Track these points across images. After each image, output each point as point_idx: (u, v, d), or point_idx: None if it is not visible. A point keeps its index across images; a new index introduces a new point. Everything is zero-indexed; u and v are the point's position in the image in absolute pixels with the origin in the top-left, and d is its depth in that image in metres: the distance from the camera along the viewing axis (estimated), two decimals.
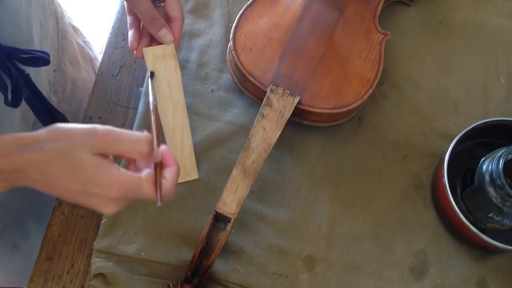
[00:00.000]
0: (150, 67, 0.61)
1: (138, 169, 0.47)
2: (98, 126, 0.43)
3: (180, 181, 0.63)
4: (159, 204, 0.44)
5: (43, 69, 0.66)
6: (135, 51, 0.62)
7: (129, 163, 0.48)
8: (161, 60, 0.61)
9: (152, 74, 0.60)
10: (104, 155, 0.43)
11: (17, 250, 0.72)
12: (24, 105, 0.61)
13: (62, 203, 0.64)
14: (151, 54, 0.61)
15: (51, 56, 0.67)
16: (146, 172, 0.45)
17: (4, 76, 0.55)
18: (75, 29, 0.83)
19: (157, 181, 0.45)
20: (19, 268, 0.76)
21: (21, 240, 0.71)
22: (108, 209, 0.44)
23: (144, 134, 0.43)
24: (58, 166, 0.42)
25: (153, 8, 0.59)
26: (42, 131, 0.43)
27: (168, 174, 0.46)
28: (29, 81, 0.60)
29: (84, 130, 0.43)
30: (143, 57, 0.61)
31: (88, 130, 0.43)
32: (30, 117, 0.65)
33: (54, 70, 0.71)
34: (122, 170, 0.43)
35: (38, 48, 0.62)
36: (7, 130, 0.59)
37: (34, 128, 0.65)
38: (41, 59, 0.59)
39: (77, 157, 0.42)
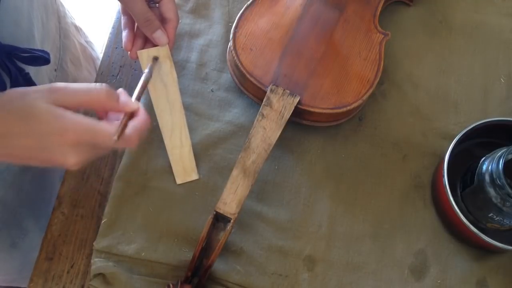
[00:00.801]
0: (144, 68, 0.61)
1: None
2: (57, 83, 0.44)
3: (180, 182, 0.63)
4: (114, 137, 0.44)
5: (44, 68, 0.66)
6: (129, 52, 0.62)
7: (100, 118, 0.48)
8: (155, 62, 0.61)
9: (157, 58, 0.60)
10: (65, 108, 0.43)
11: (16, 248, 0.72)
12: None
13: (62, 203, 0.64)
14: (145, 56, 0.61)
15: (52, 55, 0.67)
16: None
17: (3, 74, 0.55)
18: (77, 28, 0.83)
19: (121, 124, 0.45)
20: (18, 266, 0.76)
21: (19, 238, 0.71)
22: (70, 158, 0.44)
23: (102, 84, 0.44)
24: (14, 122, 0.42)
25: (147, 9, 0.59)
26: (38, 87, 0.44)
27: (134, 121, 0.46)
28: (29, 80, 0.60)
29: (42, 86, 0.44)
30: (137, 57, 0.61)
31: (45, 86, 0.44)
32: None
33: (55, 70, 0.71)
34: (78, 114, 0.44)
35: (39, 47, 0.63)
36: None
37: None
38: (41, 58, 0.59)
39: (32, 109, 0.42)
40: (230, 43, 0.65)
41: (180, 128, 0.63)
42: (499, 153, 0.55)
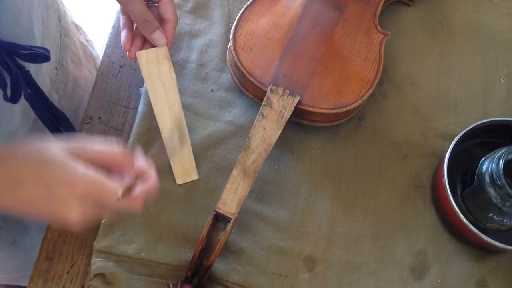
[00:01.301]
0: (144, 70, 0.61)
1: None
2: (76, 137, 0.45)
3: (180, 182, 0.63)
4: (118, 195, 0.44)
5: (45, 66, 0.66)
6: (128, 52, 0.62)
7: (112, 172, 0.48)
8: (154, 63, 0.61)
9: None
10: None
11: (16, 246, 0.72)
12: (24, 103, 0.61)
13: None
14: (144, 57, 0.61)
15: (53, 54, 0.67)
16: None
17: (3, 71, 0.55)
18: (77, 27, 0.83)
19: (128, 184, 0.44)
20: (19, 265, 0.76)
21: (20, 236, 0.71)
22: (72, 212, 0.43)
23: (119, 144, 0.45)
24: (29, 168, 0.42)
25: (146, 10, 0.59)
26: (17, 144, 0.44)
27: (144, 184, 0.46)
28: (29, 78, 0.60)
29: (61, 138, 0.45)
30: (135, 58, 0.61)
31: (65, 138, 0.44)
32: (30, 115, 0.65)
33: (56, 68, 0.71)
34: (90, 169, 0.44)
35: (39, 45, 0.63)
36: (6, 127, 0.60)
37: (34, 125, 0.66)
38: (41, 56, 0.59)
39: (48, 157, 0.43)
40: (230, 43, 0.65)
41: (180, 129, 0.63)
42: (499, 153, 0.55)
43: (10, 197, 0.43)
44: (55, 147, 0.44)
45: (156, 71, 0.61)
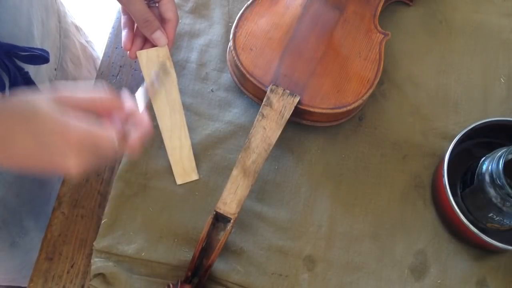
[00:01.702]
0: (144, 69, 0.61)
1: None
2: (60, 86, 0.44)
3: (180, 182, 0.63)
4: (115, 146, 0.44)
5: (44, 67, 0.66)
6: (128, 52, 0.62)
7: (103, 119, 0.48)
8: (155, 62, 0.61)
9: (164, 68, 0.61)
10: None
11: (16, 248, 0.72)
12: None
13: (62, 203, 0.64)
14: (145, 57, 0.61)
15: (52, 55, 0.67)
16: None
17: (2, 73, 0.55)
18: (77, 28, 0.83)
19: (123, 129, 0.45)
20: (18, 266, 0.76)
21: (19, 238, 0.71)
22: (70, 161, 0.43)
23: (103, 84, 0.45)
24: (16, 122, 0.42)
25: (147, 9, 0.59)
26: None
27: (137, 126, 0.46)
28: (28, 79, 0.60)
29: (46, 91, 0.44)
30: (135, 58, 0.61)
31: (50, 90, 0.44)
32: None
33: (55, 69, 0.71)
34: (80, 119, 0.43)
35: (39, 46, 0.63)
36: None
37: None
38: (40, 57, 0.59)
39: (35, 109, 0.42)
40: (230, 43, 0.65)
41: (180, 129, 0.63)
42: (499, 153, 0.55)
43: (3, 152, 0.43)
44: (42, 99, 0.43)
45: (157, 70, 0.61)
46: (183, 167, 0.63)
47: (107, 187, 0.65)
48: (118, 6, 0.76)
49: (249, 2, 0.67)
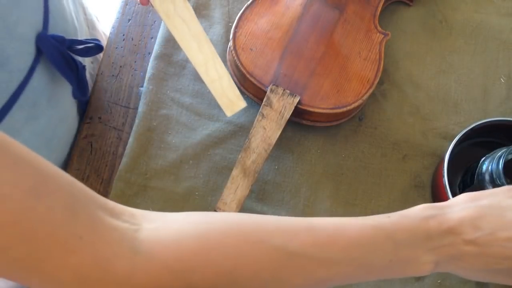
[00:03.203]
0: (159, 10, 0.59)
1: None
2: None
3: (229, 114, 0.59)
4: None
5: (86, 60, 0.67)
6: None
7: None
8: (168, 1, 0.59)
9: None
10: None
11: None
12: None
13: None
14: None
15: None
16: None
17: (68, 71, 0.56)
18: (98, 19, 0.83)
19: None
20: None
21: None
22: None
23: None
24: (492, 216, 0.40)
25: None
26: (452, 199, 0.42)
27: None
28: (83, 75, 0.60)
29: (500, 188, 0.43)
30: (148, 2, 0.59)
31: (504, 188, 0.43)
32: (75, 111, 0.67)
33: (92, 62, 0.72)
34: None
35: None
36: (67, 127, 0.62)
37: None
38: (95, 48, 0.59)
39: (506, 204, 0.40)
40: (230, 43, 0.65)
41: (213, 60, 0.59)
42: (499, 153, 0.55)
43: (475, 248, 0.40)
44: (507, 197, 0.42)
45: (172, 8, 0.59)
46: (228, 98, 0.59)
47: (107, 187, 0.65)
48: (118, 6, 0.76)
49: (249, 2, 0.67)
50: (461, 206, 0.41)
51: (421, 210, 0.42)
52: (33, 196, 0.31)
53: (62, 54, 0.54)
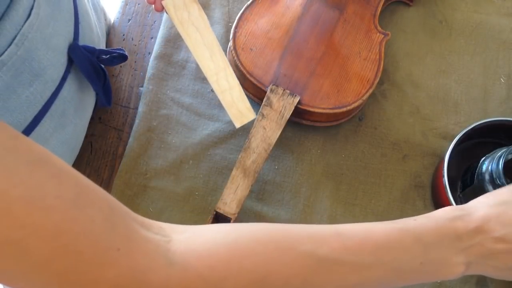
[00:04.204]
0: (173, 18, 0.59)
1: None
2: None
3: (238, 125, 0.59)
4: None
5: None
6: (153, 5, 0.61)
7: None
8: (183, 8, 0.59)
9: None
10: None
11: None
12: None
13: None
14: (171, 5, 0.59)
15: None
16: None
17: (96, 80, 0.57)
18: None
19: None
20: None
21: None
22: None
23: None
24: None
25: None
26: (472, 201, 0.43)
27: None
28: (108, 83, 0.62)
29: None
30: (162, 9, 0.59)
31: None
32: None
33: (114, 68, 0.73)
34: None
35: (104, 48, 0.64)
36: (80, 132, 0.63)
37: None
38: (119, 57, 0.60)
39: None
40: (230, 43, 0.65)
41: (225, 70, 0.59)
42: (499, 153, 0.55)
43: (505, 245, 0.41)
44: None
45: (187, 16, 0.59)
46: (238, 109, 0.59)
47: (107, 187, 0.65)
48: (118, 7, 0.76)
49: (249, 2, 0.67)
50: (484, 205, 0.41)
51: (446, 212, 0.42)
52: (76, 207, 0.30)
53: (91, 63, 0.55)
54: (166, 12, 0.59)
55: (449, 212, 0.42)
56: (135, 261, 0.33)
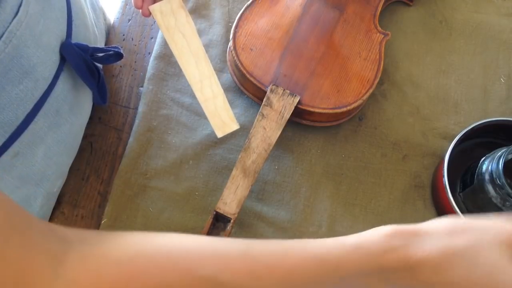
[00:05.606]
0: (161, 24, 0.59)
1: None
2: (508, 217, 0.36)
3: (220, 135, 0.58)
4: None
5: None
6: (140, 10, 0.61)
7: None
8: (170, 15, 0.59)
9: None
10: None
11: None
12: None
13: (62, 202, 0.64)
14: (158, 11, 0.59)
15: None
16: None
17: (90, 79, 0.57)
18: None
19: None
20: None
21: None
22: None
23: None
24: (459, 267, 0.34)
25: None
26: (430, 224, 0.37)
27: None
28: (103, 82, 0.61)
29: (495, 224, 0.36)
30: (149, 14, 0.60)
31: (500, 224, 0.35)
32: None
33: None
34: None
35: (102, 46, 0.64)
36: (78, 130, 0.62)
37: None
38: (114, 55, 0.60)
39: (485, 256, 0.34)
40: (230, 43, 0.65)
41: (209, 78, 0.58)
42: (499, 153, 0.55)
43: None
44: (493, 245, 0.34)
45: (173, 22, 0.59)
46: (221, 118, 0.58)
47: (107, 187, 0.65)
48: (118, 7, 0.76)
49: (249, 2, 0.67)
50: (433, 239, 0.36)
51: (385, 239, 0.37)
52: None
53: (85, 61, 0.55)
54: (154, 18, 0.59)
55: (388, 239, 0.37)
56: (21, 271, 0.31)
